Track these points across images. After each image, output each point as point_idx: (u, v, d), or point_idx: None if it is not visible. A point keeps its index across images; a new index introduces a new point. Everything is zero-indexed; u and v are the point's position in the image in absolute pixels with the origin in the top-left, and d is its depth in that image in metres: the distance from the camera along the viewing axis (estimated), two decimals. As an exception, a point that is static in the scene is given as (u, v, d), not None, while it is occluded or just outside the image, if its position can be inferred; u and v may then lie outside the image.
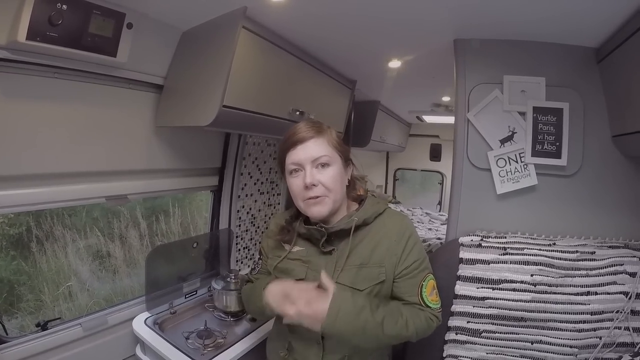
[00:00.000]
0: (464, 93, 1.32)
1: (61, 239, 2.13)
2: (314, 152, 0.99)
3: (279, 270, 1.09)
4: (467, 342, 1.24)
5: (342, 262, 1.02)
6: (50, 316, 1.35)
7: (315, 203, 0.99)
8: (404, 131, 3.90)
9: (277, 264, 1.08)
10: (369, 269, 1.02)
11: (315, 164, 0.99)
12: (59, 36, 1.04)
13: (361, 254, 1.03)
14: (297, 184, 1.00)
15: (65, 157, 1.25)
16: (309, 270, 1.04)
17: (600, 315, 1.17)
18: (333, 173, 1.00)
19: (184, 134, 1.61)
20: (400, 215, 1.11)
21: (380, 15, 1.22)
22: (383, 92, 2.55)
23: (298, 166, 1.00)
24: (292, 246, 1.08)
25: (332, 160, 1.00)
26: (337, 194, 1.01)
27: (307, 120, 1.06)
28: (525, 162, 1.28)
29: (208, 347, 1.37)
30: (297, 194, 1.01)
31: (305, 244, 1.08)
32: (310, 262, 1.05)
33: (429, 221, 3.39)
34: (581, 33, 1.21)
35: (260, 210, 2.25)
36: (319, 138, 1.00)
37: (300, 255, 1.07)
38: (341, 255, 1.03)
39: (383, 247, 1.03)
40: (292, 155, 1.00)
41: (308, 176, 0.97)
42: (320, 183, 0.98)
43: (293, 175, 1.01)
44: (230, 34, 1.20)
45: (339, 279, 1.00)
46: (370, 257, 1.03)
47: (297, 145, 0.99)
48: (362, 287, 1.00)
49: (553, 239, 1.28)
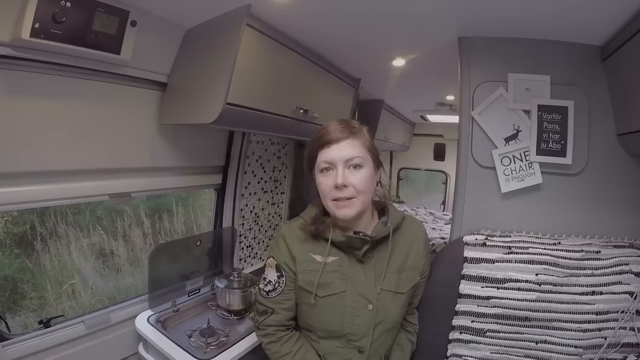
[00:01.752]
0: (468, 91, 1.32)
1: (65, 238, 2.14)
2: (347, 152, 0.98)
3: (314, 285, 1.04)
4: (472, 342, 1.23)
5: (383, 268, 1.06)
6: (53, 314, 1.36)
7: (344, 205, 0.99)
8: (408, 130, 3.88)
9: (319, 280, 1.03)
10: (407, 273, 1.10)
11: (348, 165, 0.99)
12: (62, 33, 1.04)
13: (398, 259, 1.09)
14: (327, 183, 1.00)
15: (69, 155, 1.25)
16: (349, 282, 1.04)
17: (605, 315, 1.15)
18: (364, 175, 1.00)
19: (188, 132, 1.61)
20: (417, 220, 1.20)
21: (384, 14, 1.22)
22: (387, 91, 2.54)
23: (330, 165, 1.00)
24: (326, 257, 1.04)
25: (364, 162, 1.00)
26: (366, 196, 1.01)
27: (340, 119, 1.05)
28: (530, 160, 1.27)
29: (211, 345, 1.37)
30: (327, 193, 1.01)
31: (337, 253, 1.06)
32: (348, 273, 1.04)
33: (433, 221, 3.38)
34: (586, 31, 1.20)
35: (263, 209, 2.25)
36: (354, 139, 1.00)
37: (336, 266, 1.05)
38: (379, 262, 1.06)
39: (414, 251, 1.12)
40: (325, 153, 1.00)
41: (340, 176, 0.97)
42: (351, 184, 0.98)
43: (324, 174, 1.01)
44: (234, 31, 1.20)
45: (384, 285, 1.05)
46: (407, 261, 1.10)
47: (332, 144, 0.99)
48: (404, 290, 1.08)
49: (558, 238, 1.27)
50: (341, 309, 1.03)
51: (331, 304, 1.04)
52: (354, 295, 1.04)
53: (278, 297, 1.08)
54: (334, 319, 1.04)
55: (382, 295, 1.05)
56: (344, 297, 1.03)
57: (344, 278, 1.04)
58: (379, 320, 1.05)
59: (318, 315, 1.06)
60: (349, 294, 1.03)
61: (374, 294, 1.04)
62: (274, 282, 1.08)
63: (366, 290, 1.04)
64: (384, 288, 1.05)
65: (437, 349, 1.26)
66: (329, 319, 1.05)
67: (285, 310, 1.09)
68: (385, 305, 1.06)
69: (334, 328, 1.05)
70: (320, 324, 1.07)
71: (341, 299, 1.04)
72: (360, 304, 1.04)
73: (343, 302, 1.04)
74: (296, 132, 1.69)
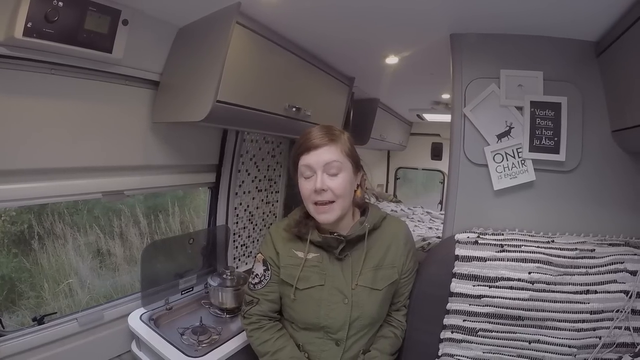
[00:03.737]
0: (460, 88, 1.31)
1: (62, 237, 2.15)
2: (326, 158, 1.04)
3: (294, 279, 1.12)
4: (463, 341, 1.21)
5: (359, 265, 1.12)
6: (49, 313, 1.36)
7: (324, 211, 1.06)
8: (404, 130, 3.89)
9: (300, 274, 1.11)
10: (384, 270, 1.15)
11: (327, 170, 1.04)
12: (55, 32, 1.06)
13: (375, 257, 1.14)
14: (308, 187, 1.06)
15: (61, 153, 1.26)
16: (327, 277, 1.11)
17: (600, 314, 1.13)
18: (342, 180, 1.05)
19: (181, 130, 1.62)
20: (400, 220, 1.25)
21: (375, 11, 1.22)
22: (382, 89, 2.54)
23: (310, 170, 1.05)
24: (306, 253, 1.12)
25: (343, 167, 1.06)
26: (345, 200, 1.07)
27: (322, 126, 1.11)
28: (523, 157, 1.25)
29: (202, 343, 1.37)
30: (307, 196, 1.07)
31: (318, 251, 1.14)
32: (327, 269, 1.12)
33: (430, 220, 3.39)
34: (579, 26, 1.18)
35: (258, 207, 2.26)
36: (333, 145, 1.06)
37: (315, 262, 1.13)
38: (356, 259, 1.13)
39: (393, 249, 1.16)
40: (305, 159, 1.06)
41: (319, 181, 1.03)
42: (329, 188, 1.04)
43: (305, 178, 1.07)
44: (224, 29, 1.20)
45: (359, 281, 1.11)
46: (384, 259, 1.15)
47: (311, 150, 1.05)
48: (380, 287, 1.13)
49: (551, 236, 1.25)
50: (318, 302, 1.11)
51: (309, 297, 1.12)
52: (331, 289, 1.11)
53: (263, 289, 1.17)
54: (311, 311, 1.11)
55: (358, 291, 1.11)
56: (321, 290, 1.11)
57: (323, 273, 1.12)
58: (355, 315, 1.11)
59: (297, 306, 1.13)
60: (327, 288, 1.11)
61: (350, 289, 1.11)
62: (260, 275, 1.19)
63: (342, 285, 1.11)
64: (360, 284, 1.11)
65: (428, 348, 1.25)
66: (307, 311, 1.12)
67: (268, 302, 1.18)
68: (361, 300, 1.12)
69: (312, 320, 1.12)
70: (299, 315, 1.14)
71: (319, 292, 1.11)
72: (337, 298, 1.11)
73: (320, 295, 1.11)
74: (289, 131, 1.69)
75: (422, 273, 1.26)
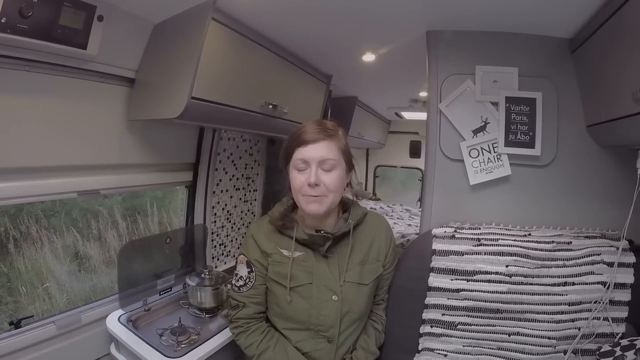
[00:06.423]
0: (436, 84, 1.32)
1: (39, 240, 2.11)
2: (322, 153, 1.04)
3: (283, 277, 1.11)
4: (443, 335, 1.21)
5: (345, 262, 1.13)
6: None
7: (314, 201, 1.05)
8: (383, 128, 3.92)
9: (290, 272, 1.10)
10: (370, 265, 1.16)
11: (321, 165, 1.04)
12: (29, 28, 1.03)
13: (360, 252, 1.15)
14: (301, 179, 1.05)
15: (36, 151, 1.22)
16: (315, 275, 1.11)
17: (578, 305, 1.15)
18: (336, 176, 1.06)
19: (157, 128, 1.59)
20: (380, 216, 1.28)
21: (351, 7, 1.22)
22: (360, 87, 2.56)
23: (305, 163, 1.05)
24: (292, 252, 1.11)
25: (337, 164, 1.06)
26: (336, 196, 1.07)
27: (320, 120, 1.12)
28: (499, 152, 1.27)
29: (182, 343, 1.35)
30: (298, 188, 1.06)
31: (303, 249, 1.13)
32: (313, 267, 1.11)
33: (409, 217, 3.43)
34: (555, 23, 1.20)
35: (236, 206, 2.24)
36: (330, 141, 1.06)
37: (302, 260, 1.12)
38: (342, 256, 1.13)
39: (376, 244, 1.18)
40: (301, 152, 1.05)
41: (313, 176, 1.03)
42: (322, 183, 1.04)
43: (298, 170, 1.06)
44: (199, 25, 1.19)
45: (347, 277, 1.12)
46: (369, 253, 1.16)
47: (309, 144, 1.04)
48: (367, 282, 1.14)
49: (528, 229, 1.26)
50: (308, 300, 1.10)
51: (299, 295, 1.11)
52: (320, 287, 1.10)
53: (249, 292, 1.15)
54: (302, 309, 1.11)
55: (346, 287, 1.12)
56: (310, 289, 1.10)
57: (310, 272, 1.11)
58: (345, 310, 1.11)
59: (287, 306, 1.11)
60: (315, 286, 1.10)
61: (338, 286, 1.11)
62: (245, 277, 1.16)
63: (331, 282, 1.11)
64: (347, 280, 1.12)
65: (408, 343, 1.24)
66: (297, 310, 1.11)
67: (255, 304, 1.17)
68: (349, 296, 1.12)
69: (303, 318, 1.11)
70: (289, 314, 1.13)
71: (308, 291, 1.10)
72: (326, 295, 1.10)
73: (310, 294, 1.10)
74: (266, 128, 1.69)
75: (400, 268, 1.26)
